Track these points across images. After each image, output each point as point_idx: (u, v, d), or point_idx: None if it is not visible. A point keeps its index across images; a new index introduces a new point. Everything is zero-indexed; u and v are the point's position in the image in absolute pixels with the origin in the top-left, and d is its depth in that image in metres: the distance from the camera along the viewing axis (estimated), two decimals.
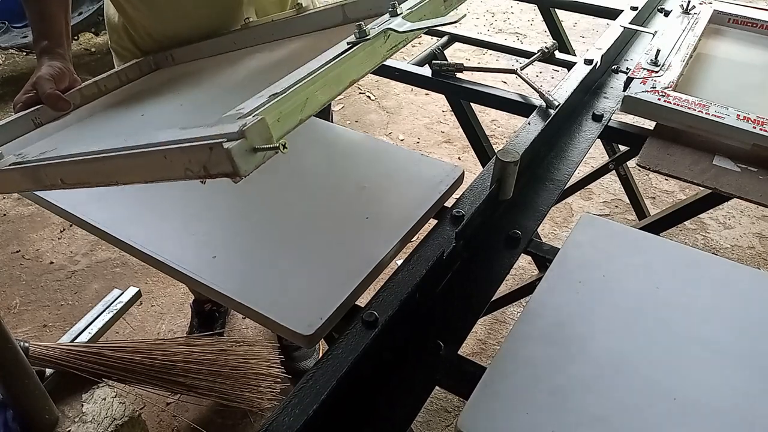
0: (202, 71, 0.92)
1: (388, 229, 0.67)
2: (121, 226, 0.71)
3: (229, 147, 0.40)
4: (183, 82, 0.90)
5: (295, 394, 0.50)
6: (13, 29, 3.18)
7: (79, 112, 0.90)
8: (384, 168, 0.78)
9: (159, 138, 0.46)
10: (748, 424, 0.48)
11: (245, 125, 0.41)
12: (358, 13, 0.82)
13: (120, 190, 0.72)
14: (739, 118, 0.82)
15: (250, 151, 0.41)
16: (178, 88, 0.87)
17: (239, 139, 0.40)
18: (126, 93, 0.95)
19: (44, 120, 0.89)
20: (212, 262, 0.65)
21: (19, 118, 0.86)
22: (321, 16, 0.86)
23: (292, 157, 0.79)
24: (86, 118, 0.86)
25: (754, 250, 1.98)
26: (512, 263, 0.67)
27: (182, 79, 0.93)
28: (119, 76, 1.00)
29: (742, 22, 1.14)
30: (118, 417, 1.03)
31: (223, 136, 0.41)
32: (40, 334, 1.65)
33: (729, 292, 0.60)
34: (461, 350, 0.58)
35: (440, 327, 0.59)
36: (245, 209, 0.73)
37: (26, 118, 0.87)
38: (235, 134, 0.41)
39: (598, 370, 0.52)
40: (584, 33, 3.32)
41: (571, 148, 0.85)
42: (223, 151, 0.40)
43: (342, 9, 0.82)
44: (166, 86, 0.92)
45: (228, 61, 0.92)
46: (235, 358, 1.04)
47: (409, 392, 0.53)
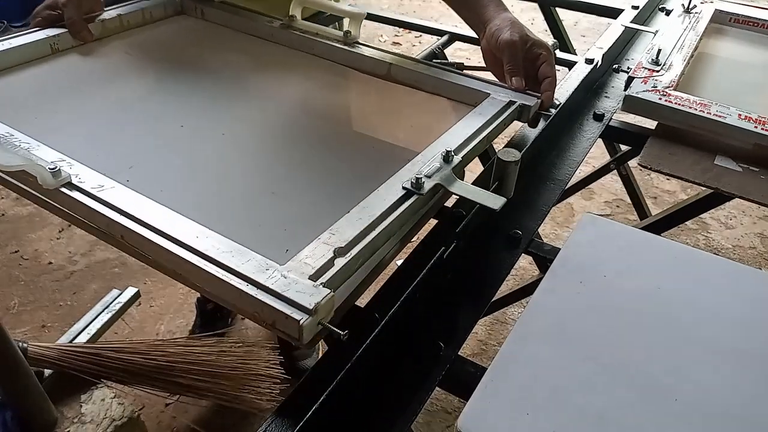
0: (237, 70, 0.91)
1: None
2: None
3: (302, 323, 0.45)
4: (217, 79, 0.88)
5: (295, 395, 0.50)
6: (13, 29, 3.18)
7: (104, 65, 0.89)
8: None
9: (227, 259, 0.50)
10: (749, 425, 0.48)
11: (318, 303, 0.46)
12: (401, 77, 0.88)
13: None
14: (740, 118, 0.82)
15: (316, 324, 0.46)
16: (213, 87, 0.86)
17: (310, 317, 0.45)
18: (151, 54, 0.94)
19: (63, 47, 0.89)
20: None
21: (38, 41, 0.86)
22: (366, 61, 0.90)
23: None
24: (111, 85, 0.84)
25: (756, 250, 1.97)
26: (513, 263, 0.66)
27: (214, 70, 0.91)
28: (143, 14, 1.00)
29: (744, 21, 1.14)
30: (117, 418, 1.02)
31: (297, 306, 0.46)
32: (38, 334, 1.65)
33: (731, 293, 0.59)
34: (462, 351, 0.57)
35: (440, 327, 0.58)
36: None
37: (45, 42, 0.87)
38: (309, 310, 0.45)
39: (599, 370, 0.52)
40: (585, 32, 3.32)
41: (572, 147, 0.85)
42: (296, 324, 0.45)
43: (389, 67, 0.88)
44: (198, 72, 0.90)
45: (268, 72, 0.91)
46: (235, 358, 1.03)
47: (409, 393, 0.53)
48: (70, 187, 0.57)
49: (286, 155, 0.74)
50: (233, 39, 1.00)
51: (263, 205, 0.64)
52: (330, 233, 0.54)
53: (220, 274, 0.49)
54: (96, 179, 0.58)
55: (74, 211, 0.58)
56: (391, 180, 0.62)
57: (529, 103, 0.78)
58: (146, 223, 0.53)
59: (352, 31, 0.91)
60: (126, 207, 0.55)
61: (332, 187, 0.68)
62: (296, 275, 0.48)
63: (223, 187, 0.67)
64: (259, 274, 0.48)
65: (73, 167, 0.60)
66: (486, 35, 0.83)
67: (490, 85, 0.82)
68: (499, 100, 0.78)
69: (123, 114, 0.78)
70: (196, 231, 0.53)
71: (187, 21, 1.05)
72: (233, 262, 0.49)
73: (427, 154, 0.66)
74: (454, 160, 0.64)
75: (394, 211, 0.58)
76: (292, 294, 0.46)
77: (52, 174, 0.56)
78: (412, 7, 3.84)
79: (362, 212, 0.57)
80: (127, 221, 0.54)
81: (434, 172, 0.62)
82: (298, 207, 0.65)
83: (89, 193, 0.56)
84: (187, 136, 0.75)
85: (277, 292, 0.47)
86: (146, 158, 0.69)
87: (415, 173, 0.61)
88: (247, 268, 0.49)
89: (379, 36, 3.48)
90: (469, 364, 0.57)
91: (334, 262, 0.51)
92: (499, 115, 0.76)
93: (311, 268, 0.50)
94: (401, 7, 3.85)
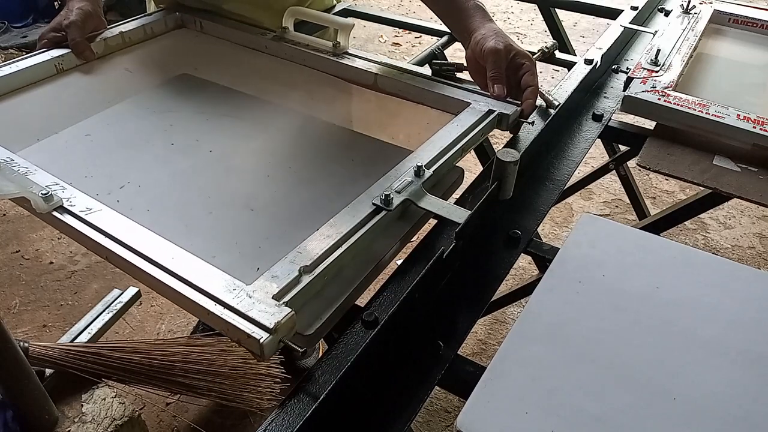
0: (230, 84, 0.94)
1: (387, 229, 0.67)
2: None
3: (262, 341, 0.48)
4: (209, 94, 0.92)
5: (295, 394, 0.50)
6: (13, 29, 3.18)
7: (104, 84, 0.92)
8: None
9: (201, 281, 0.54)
10: (749, 425, 0.48)
11: (278, 323, 0.49)
12: (386, 87, 0.91)
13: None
14: (739, 118, 0.82)
15: (277, 343, 0.49)
16: (204, 104, 0.89)
17: (270, 336, 0.48)
18: (149, 71, 0.97)
19: (67, 66, 0.93)
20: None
21: (43, 62, 0.90)
22: (353, 71, 0.93)
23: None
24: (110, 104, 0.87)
25: (755, 250, 1.98)
26: (512, 263, 0.67)
27: (207, 84, 0.94)
28: (144, 29, 1.04)
29: (743, 21, 1.14)
30: (117, 417, 1.03)
31: (258, 325, 0.49)
32: (39, 334, 1.65)
33: (729, 292, 0.59)
34: (461, 350, 0.58)
35: (440, 327, 0.58)
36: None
37: (50, 63, 0.91)
38: (269, 329, 0.48)
39: (598, 370, 0.52)
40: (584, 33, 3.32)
41: (571, 147, 0.85)
42: (257, 342, 0.48)
43: (375, 77, 0.91)
44: (192, 88, 0.93)
45: (258, 86, 0.94)
46: (235, 358, 1.03)
47: (409, 392, 0.53)
48: (62, 210, 0.62)
49: (267, 172, 0.77)
50: (229, 52, 1.03)
51: (241, 222, 0.68)
52: (297, 252, 0.57)
53: (191, 294, 0.52)
54: (85, 202, 0.63)
55: (65, 232, 0.62)
56: (363, 196, 0.64)
57: (507, 112, 0.80)
58: (127, 245, 0.57)
59: (341, 42, 0.94)
60: (110, 230, 0.59)
61: (309, 203, 0.71)
62: (261, 294, 0.52)
63: (205, 204, 0.71)
64: (227, 294, 0.52)
65: (65, 190, 0.64)
66: (471, 44, 0.84)
67: (471, 94, 0.84)
68: (478, 109, 0.80)
69: (118, 132, 0.82)
70: (172, 252, 0.56)
71: (187, 34, 1.08)
72: (204, 283, 0.53)
73: (401, 168, 0.69)
74: (425, 174, 0.67)
75: (361, 227, 0.60)
76: (255, 314, 0.50)
77: (44, 199, 0.61)
78: (412, 8, 3.84)
79: (330, 229, 0.59)
80: (110, 243, 0.58)
81: (404, 187, 0.65)
82: (274, 223, 0.68)
83: (78, 216, 0.61)
84: (177, 155, 0.78)
85: (241, 312, 0.50)
86: (136, 177, 0.74)
87: (385, 189, 0.64)
88: (216, 289, 0.52)
89: (379, 36, 3.48)
90: (469, 364, 0.57)
91: (300, 279, 0.54)
92: (477, 125, 0.78)
93: (276, 287, 0.53)
94: (401, 8, 3.86)
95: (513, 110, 0.80)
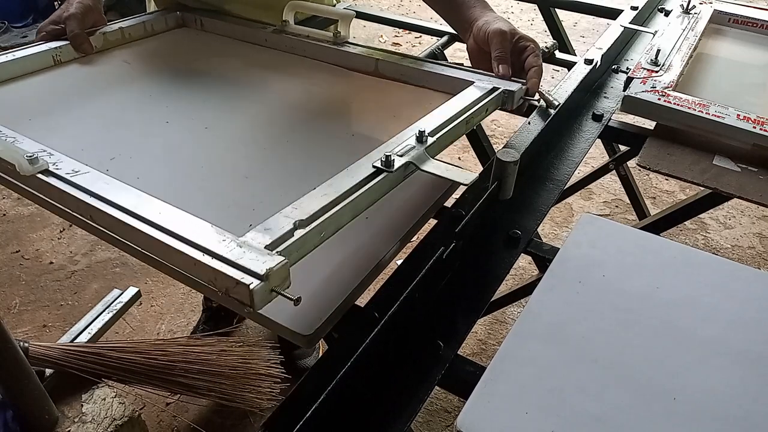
0: (229, 73, 0.94)
1: (387, 229, 0.67)
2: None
3: (252, 287, 0.44)
4: (208, 80, 0.92)
5: (295, 394, 0.50)
6: (13, 29, 3.18)
7: (102, 74, 0.91)
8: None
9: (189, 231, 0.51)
10: (749, 425, 0.48)
11: (270, 269, 0.45)
12: (387, 72, 0.91)
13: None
14: (739, 118, 0.82)
15: (269, 291, 0.46)
16: (202, 88, 0.89)
17: (262, 282, 0.45)
18: (148, 62, 0.97)
19: (65, 58, 0.92)
20: None
21: (41, 53, 0.89)
22: (354, 59, 0.93)
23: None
24: (107, 91, 0.86)
25: (755, 250, 1.98)
26: (512, 263, 0.67)
27: (207, 72, 0.94)
28: (145, 26, 1.04)
29: (743, 21, 1.14)
30: (117, 417, 1.03)
31: (249, 272, 0.46)
32: (39, 334, 1.65)
33: (729, 292, 0.59)
34: (461, 350, 0.58)
35: (440, 327, 0.58)
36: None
37: (47, 54, 0.90)
38: (260, 276, 0.45)
39: (597, 370, 0.52)
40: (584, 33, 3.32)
41: (571, 147, 0.85)
42: (246, 289, 0.45)
43: (376, 62, 0.91)
44: (191, 76, 0.93)
45: (257, 74, 0.94)
46: (235, 358, 1.04)
47: (409, 392, 0.53)
48: (47, 173, 0.59)
49: (264, 145, 0.76)
50: (230, 46, 1.03)
51: (235, 189, 0.67)
52: (293, 207, 0.54)
53: (176, 245, 0.50)
54: (72, 166, 0.60)
55: (48, 196, 0.59)
56: (362, 160, 0.62)
57: (512, 89, 0.79)
58: (112, 201, 0.55)
59: (342, 32, 0.94)
60: (95, 189, 0.56)
61: (306, 171, 0.70)
62: (253, 244, 0.49)
63: (198, 173, 0.69)
64: (215, 244, 0.49)
65: (52, 156, 0.61)
66: (473, 32, 0.85)
67: (474, 74, 0.84)
68: (481, 87, 0.79)
69: (114, 115, 0.81)
70: (159, 208, 0.54)
71: (187, 32, 1.08)
72: (190, 234, 0.50)
73: (403, 136, 0.67)
74: (427, 140, 0.65)
75: (361, 187, 0.58)
76: (245, 261, 0.47)
77: (29, 161, 0.58)
78: (411, 8, 3.85)
79: (328, 189, 0.57)
80: (94, 201, 0.55)
81: (406, 151, 0.63)
82: (269, 189, 0.66)
83: (63, 178, 0.58)
84: (172, 131, 0.77)
85: (230, 260, 0.47)
86: (128, 151, 0.72)
87: (385, 152, 0.61)
88: (203, 239, 0.50)
89: (379, 37, 3.48)
90: (469, 364, 0.57)
91: (294, 233, 0.51)
92: (481, 100, 0.76)
93: (269, 238, 0.50)
94: (401, 8, 3.86)
95: (518, 87, 0.79)
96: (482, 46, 0.83)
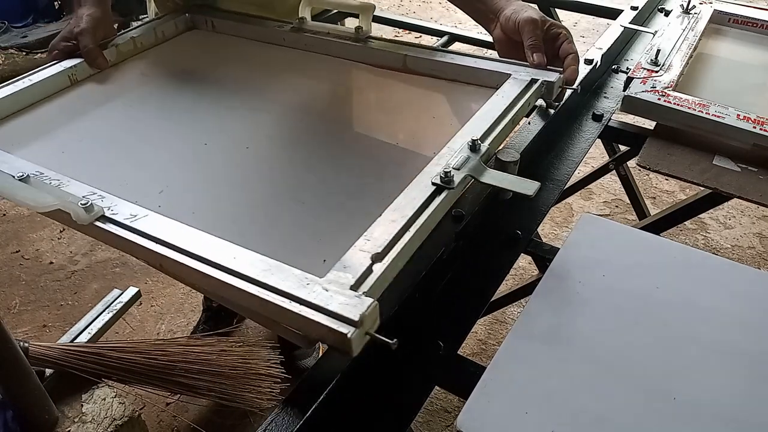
0: (253, 78, 0.91)
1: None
2: None
3: (350, 335, 0.44)
4: (233, 89, 0.88)
5: (295, 394, 0.50)
6: (13, 29, 3.18)
7: (122, 90, 0.89)
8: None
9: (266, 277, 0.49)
10: (749, 425, 0.48)
11: (363, 314, 0.45)
12: (417, 67, 0.86)
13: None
14: (739, 118, 0.82)
15: (363, 335, 0.45)
16: (229, 100, 0.86)
17: (357, 329, 0.44)
18: (166, 72, 0.94)
19: (80, 77, 0.89)
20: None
21: (57, 74, 0.87)
22: (381, 55, 0.88)
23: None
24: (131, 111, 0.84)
25: (755, 250, 1.98)
26: (512, 263, 0.67)
27: (230, 80, 0.91)
28: (155, 33, 1.00)
29: (743, 21, 1.14)
30: (117, 417, 1.03)
31: (342, 319, 0.45)
32: (39, 334, 1.65)
33: (729, 292, 0.59)
34: (461, 350, 0.58)
35: (440, 327, 0.58)
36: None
37: (63, 74, 0.87)
38: (355, 322, 0.44)
39: (597, 370, 0.52)
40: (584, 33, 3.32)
41: (571, 147, 0.85)
42: (344, 337, 0.44)
43: (404, 58, 0.86)
44: (214, 85, 0.90)
45: (282, 78, 0.91)
46: (235, 358, 1.03)
47: (409, 392, 0.53)
48: (104, 220, 0.57)
49: (310, 163, 0.73)
50: (246, 48, 0.99)
51: (294, 216, 0.64)
52: (365, 239, 0.53)
53: (262, 293, 0.48)
54: (129, 209, 0.58)
55: (112, 243, 0.58)
56: (420, 177, 0.60)
57: (551, 79, 0.77)
58: (183, 249, 0.53)
59: (364, 26, 0.89)
60: (161, 235, 0.54)
61: (360, 190, 0.67)
62: (337, 287, 0.48)
63: (252, 201, 0.67)
64: (300, 289, 0.48)
65: (104, 199, 0.60)
66: (500, 22, 0.82)
67: (510, 65, 0.81)
68: (520, 79, 0.77)
69: (147, 137, 0.78)
70: (233, 252, 0.52)
71: (198, 35, 1.05)
72: (273, 280, 0.48)
73: (453, 145, 0.65)
74: (481, 148, 0.63)
75: (426, 208, 0.56)
76: (335, 306, 0.46)
77: (84, 209, 0.56)
78: (411, 8, 3.84)
79: (394, 214, 0.55)
80: (164, 249, 0.53)
81: (462, 163, 0.61)
82: (328, 214, 0.64)
83: (123, 224, 0.56)
84: (213, 153, 0.75)
85: (320, 306, 0.46)
86: (175, 180, 0.69)
87: (443, 167, 0.60)
88: (288, 285, 0.48)
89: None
90: (469, 364, 0.57)
91: (373, 268, 0.50)
92: (523, 94, 0.74)
93: (351, 277, 0.49)
94: (401, 8, 3.85)
95: (556, 77, 0.77)
96: (512, 35, 0.81)
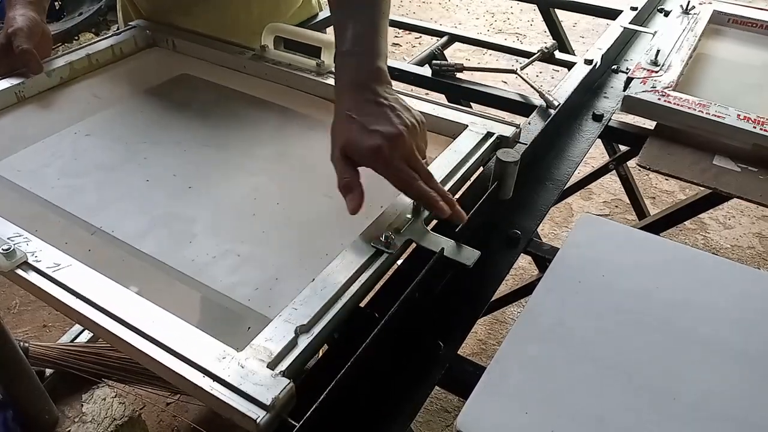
0: (210, 110, 0.87)
1: None
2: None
3: (259, 421, 0.42)
4: (187, 122, 0.84)
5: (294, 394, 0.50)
6: None
7: (71, 112, 0.84)
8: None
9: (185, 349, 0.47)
10: (749, 425, 0.48)
11: (276, 398, 0.43)
12: None
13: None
14: (739, 118, 0.82)
15: (276, 420, 0.44)
16: (180, 133, 0.81)
17: (268, 414, 0.43)
18: (119, 96, 0.89)
19: (28, 93, 0.85)
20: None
21: (2, 91, 0.83)
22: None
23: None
24: (79, 137, 0.79)
25: (754, 250, 1.98)
26: (512, 263, 0.67)
27: (185, 110, 0.87)
28: (113, 50, 0.96)
29: (742, 22, 1.14)
30: (117, 417, 1.03)
31: (254, 401, 0.43)
32: (39, 334, 1.65)
33: (729, 292, 0.60)
34: (461, 350, 0.58)
35: (440, 327, 0.58)
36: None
37: (9, 91, 0.83)
38: (267, 406, 0.43)
39: (597, 370, 0.52)
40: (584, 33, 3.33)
41: (571, 147, 0.85)
42: (253, 423, 0.42)
43: None
44: (167, 115, 0.86)
45: (236, 112, 0.86)
46: None
47: (409, 392, 0.53)
48: (26, 267, 0.55)
49: (256, 210, 0.69)
50: (206, 71, 0.95)
51: (228, 271, 0.60)
52: (292, 308, 0.51)
53: (174, 365, 0.46)
54: (52, 257, 0.56)
55: (32, 291, 0.56)
56: (359, 239, 0.59)
57: (507, 134, 0.76)
58: (100, 306, 0.51)
59: (326, 61, 0.87)
60: (80, 289, 0.52)
61: (303, 246, 0.64)
62: (254, 363, 0.46)
63: (188, 251, 0.63)
64: (215, 363, 0.46)
65: (30, 243, 0.57)
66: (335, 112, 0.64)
67: (467, 115, 0.80)
68: (476, 132, 0.76)
69: (88, 169, 0.74)
70: (152, 314, 0.50)
71: (158, 53, 1.01)
72: (188, 351, 0.47)
73: (398, 204, 0.63)
74: (424, 211, 0.62)
75: (362, 273, 0.56)
76: (248, 387, 0.44)
77: (5, 256, 0.55)
78: (411, 8, 3.85)
79: (327, 280, 0.54)
80: (81, 305, 0.52)
81: (405, 225, 0.61)
82: (263, 271, 0.61)
83: (45, 274, 0.54)
84: (154, 191, 0.71)
85: (232, 385, 0.44)
86: (109, 221, 0.66)
87: (384, 230, 0.59)
88: (203, 358, 0.46)
89: None
90: (469, 364, 0.57)
91: (297, 341, 0.49)
92: (476, 150, 0.73)
93: (270, 353, 0.47)
94: (401, 8, 3.86)
95: (512, 131, 0.76)
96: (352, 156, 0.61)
